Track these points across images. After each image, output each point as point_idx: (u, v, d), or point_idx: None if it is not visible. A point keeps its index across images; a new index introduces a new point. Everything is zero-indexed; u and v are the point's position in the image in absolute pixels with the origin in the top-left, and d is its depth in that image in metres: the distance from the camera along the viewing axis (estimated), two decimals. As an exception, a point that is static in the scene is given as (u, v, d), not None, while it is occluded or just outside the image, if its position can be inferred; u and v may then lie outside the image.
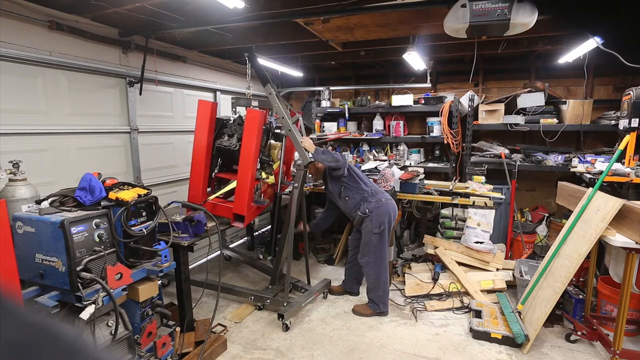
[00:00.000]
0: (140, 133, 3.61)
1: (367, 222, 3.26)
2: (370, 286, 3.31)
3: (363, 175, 3.48)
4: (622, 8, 2.49)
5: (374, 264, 3.26)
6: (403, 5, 2.68)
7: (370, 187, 3.37)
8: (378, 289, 3.27)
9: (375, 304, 3.29)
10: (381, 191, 3.41)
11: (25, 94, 2.69)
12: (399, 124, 5.11)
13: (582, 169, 3.74)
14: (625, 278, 2.48)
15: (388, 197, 3.35)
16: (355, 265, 3.50)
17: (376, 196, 3.30)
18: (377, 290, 3.28)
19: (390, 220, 3.29)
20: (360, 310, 3.34)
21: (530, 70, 4.80)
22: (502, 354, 2.77)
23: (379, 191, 3.39)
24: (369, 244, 3.27)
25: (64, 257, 1.85)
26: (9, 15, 2.53)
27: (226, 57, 4.63)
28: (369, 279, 3.31)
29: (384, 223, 3.23)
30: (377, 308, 3.29)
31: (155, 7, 2.79)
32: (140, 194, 2.25)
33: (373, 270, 3.27)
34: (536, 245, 4.31)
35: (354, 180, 3.35)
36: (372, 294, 3.30)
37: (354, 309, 3.37)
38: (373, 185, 3.44)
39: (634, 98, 3.38)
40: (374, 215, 3.23)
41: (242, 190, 3.03)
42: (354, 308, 3.38)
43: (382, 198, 3.30)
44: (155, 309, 2.37)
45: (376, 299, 3.28)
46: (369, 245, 3.27)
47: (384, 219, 3.24)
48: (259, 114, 3.00)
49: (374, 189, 3.37)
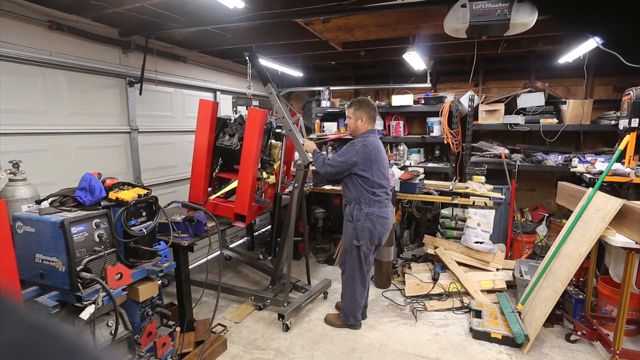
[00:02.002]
0: (140, 133, 3.61)
1: (350, 227, 2.97)
2: (343, 295, 3.11)
3: (379, 179, 2.93)
4: (622, 8, 2.49)
5: (350, 274, 3.02)
6: (403, 5, 2.68)
7: (373, 197, 2.90)
8: (350, 301, 3.04)
9: (345, 315, 3.08)
10: (384, 204, 2.95)
11: (25, 94, 2.69)
12: (399, 124, 5.11)
13: (582, 169, 3.74)
14: (625, 278, 2.48)
15: (384, 215, 2.93)
16: None
17: (372, 207, 2.89)
18: (349, 302, 3.05)
19: (372, 238, 2.92)
20: (331, 319, 3.18)
21: (530, 70, 4.80)
22: (502, 354, 2.77)
23: (381, 203, 2.93)
24: (349, 251, 3.01)
25: (64, 257, 1.85)
26: (9, 15, 2.53)
27: (226, 57, 4.63)
28: (343, 286, 3.10)
29: (364, 239, 2.90)
30: (346, 320, 3.08)
31: (155, 7, 2.79)
32: (140, 194, 2.25)
33: (348, 281, 3.04)
34: (536, 245, 4.31)
35: (356, 182, 2.91)
36: (344, 304, 3.09)
37: (325, 318, 3.21)
38: (380, 196, 2.93)
39: (634, 98, 3.38)
40: (358, 226, 2.92)
41: (244, 190, 3.03)
42: (326, 317, 3.21)
43: (376, 213, 2.90)
44: (155, 309, 2.37)
45: (347, 310, 3.06)
46: (348, 253, 3.02)
47: (365, 235, 2.90)
48: (261, 113, 2.99)
49: (375, 199, 2.90)
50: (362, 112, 2.97)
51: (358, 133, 3.02)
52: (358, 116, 2.98)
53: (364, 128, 3.00)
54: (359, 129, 3.01)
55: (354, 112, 3.00)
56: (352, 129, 3.06)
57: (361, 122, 2.98)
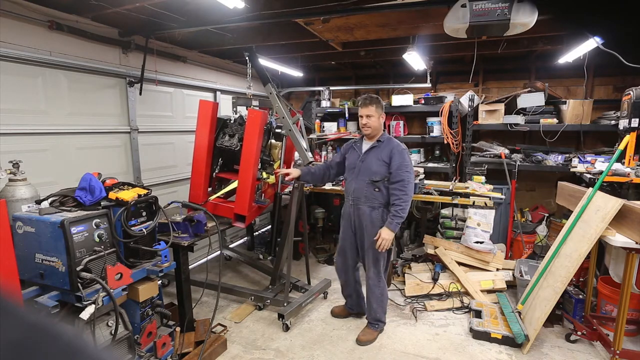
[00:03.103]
0: (140, 133, 3.60)
1: None
2: (374, 300, 2.99)
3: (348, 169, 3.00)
4: (622, 8, 2.49)
5: (377, 277, 2.95)
6: (403, 5, 2.68)
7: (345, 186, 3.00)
8: (384, 300, 3.00)
9: (379, 321, 3.00)
10: (350, 191, 2.94)
11: (25, 94, 2.69)
12: (399, 124, 5.11)
13: (582, 169, 3.73)
14: (625, 278, 2.48)
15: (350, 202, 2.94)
16: None
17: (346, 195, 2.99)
18: (383, 302, 3.00)
19: (345, 229, 3.00)
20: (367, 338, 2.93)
21: (530, 70, 4.80)
22: (502, 354, 2.77)
23: (347, 190, 2.99)
24: (381, 258, 2.94)
25: (64, 257, 1.85)
26: (9, 15, 2.53)
27: (226, 57, 4.63)
28: (374, 293, 2.99)
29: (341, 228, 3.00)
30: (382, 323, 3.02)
31: (155, 7, 2.79)
32: (140, 194, 2.26)
33: (379, 283, 2.97)
34: (536, 245, 4.31)
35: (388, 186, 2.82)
36: (379, 309, 2.99)
37: (359, 340, 2.92)
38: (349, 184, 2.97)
39: (634, 98, 3.38)
40: None
41: (244, 190, 3.03)
42: (359, 339, 2.93)
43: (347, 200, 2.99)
44: (155, 309, 2.37)
45: (381, 314, 3.01)
46: (381, 260, 2.95)
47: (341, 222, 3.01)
48: (260, 113, 2.99)
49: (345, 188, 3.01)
50: (381, 108, 2.86)
51: (379, 132, 2.90)
52: (380, 113, 2.84)
53: (382, 125, 2.90)
54: (380, 125, 2.88)
55: (376, 110, 2.81)
56: (376, 127, 2.85)
57: (383, 119, 2.89)
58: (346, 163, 3.05)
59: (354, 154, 2.99)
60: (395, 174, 2.76)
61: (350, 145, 3.07)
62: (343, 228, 3.07)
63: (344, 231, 3.05)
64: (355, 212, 2.92)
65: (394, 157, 2.77)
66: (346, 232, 3.04)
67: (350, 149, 3.05)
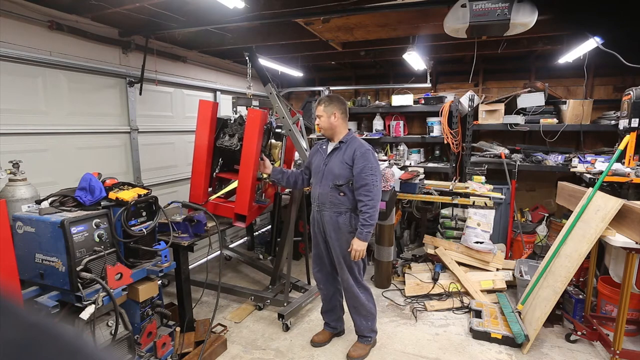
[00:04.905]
0: (140, 133, 3.61)
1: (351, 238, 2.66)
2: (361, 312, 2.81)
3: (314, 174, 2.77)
4: (622, 8, 2.49)
5: (361, 286, 2.78)
6: (403, 5, 2.68)
7: None
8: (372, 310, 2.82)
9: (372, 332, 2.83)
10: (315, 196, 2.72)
11: (25, 94, 2.69)
12: (399, 124, 5.12)
13: (582, 169, 3.73)
14: (625, 278, 2.48)
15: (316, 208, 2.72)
16: None
17: None
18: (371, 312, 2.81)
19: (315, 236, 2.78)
20: (359, 354, 2.76)
21: (530, 70, 4.80)
22: (502, 354, 2.77)
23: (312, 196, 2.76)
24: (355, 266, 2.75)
25: (64, 257, 1.85)
26: (9, 15, 2.53)
27: (226, 57, 4.63)
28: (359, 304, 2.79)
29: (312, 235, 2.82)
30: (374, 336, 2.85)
31: (155, 7, 2.79)
32: (140, 194, 2.25)
33: (361, 294, 2.77)
34: (536, 245, 4.32)
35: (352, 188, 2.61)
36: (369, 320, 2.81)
37: (349, 356, 2.76)
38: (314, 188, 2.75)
39: (634, 98, 3.38)
40: None
41: (244, 190, 3.03)
42: (349, 354, 2.76)
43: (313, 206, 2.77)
44: (155, 309, 2.37)
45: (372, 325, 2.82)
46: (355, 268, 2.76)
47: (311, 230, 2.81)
48: (260, 113, 2.99)
49: None
50: (334, 107, 2.61)
51: (336, 131, 2.65)
52: (330, 112, 2.60)
53: (339, 125, 2.64)
54: (334, 125, 2.63)
55: (324, 109, 2.61)
56: (327, 127, 2.64)
57: (334, 118, 2.61)
58: (312, 167, 2.81)
59: (319, 156, 2.74)
60: (358, 178, 2.50)
61: (317, 148, 2.80)
62: (313, 235, 2.82)
63: (315, 238, 2.81)
64: (321, 218, 2.69)
65: (357, 159, 2.52)
66: (317, 239, 2.80)
67: (316, 152, 2.79)
